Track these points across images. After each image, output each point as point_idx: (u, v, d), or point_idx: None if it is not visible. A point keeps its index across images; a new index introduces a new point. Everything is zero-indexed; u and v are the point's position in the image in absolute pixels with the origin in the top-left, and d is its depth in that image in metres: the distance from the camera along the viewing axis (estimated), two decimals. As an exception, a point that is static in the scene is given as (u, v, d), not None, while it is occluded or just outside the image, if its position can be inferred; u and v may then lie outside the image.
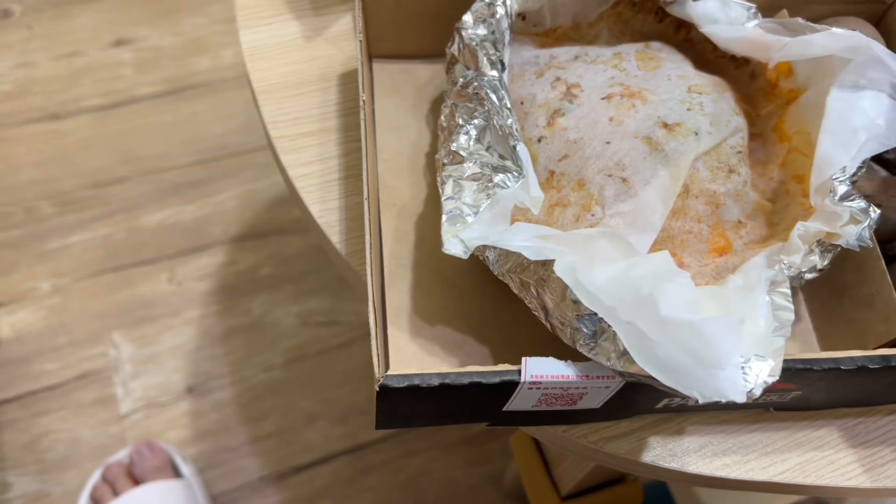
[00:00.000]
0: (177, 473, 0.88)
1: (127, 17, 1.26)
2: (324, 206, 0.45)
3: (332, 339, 1.02)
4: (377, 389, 0.33)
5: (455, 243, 0.36)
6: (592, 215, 0.38)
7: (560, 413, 0.38)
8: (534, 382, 0.34)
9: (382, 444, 0.96)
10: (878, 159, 0.49)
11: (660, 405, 0.38)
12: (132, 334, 1.00)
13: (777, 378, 0.31)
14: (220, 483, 0.92)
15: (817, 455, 0.41)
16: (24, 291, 1.01)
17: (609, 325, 0.32)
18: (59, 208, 1.08)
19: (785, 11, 0.48)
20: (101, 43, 1.23)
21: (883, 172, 0.46)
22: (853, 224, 0.36)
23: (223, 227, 1.09)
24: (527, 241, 0.34)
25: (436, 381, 0.33)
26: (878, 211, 0.37)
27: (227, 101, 1.19)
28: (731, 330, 0.30)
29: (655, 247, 0.38)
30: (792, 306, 0.33)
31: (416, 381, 0.33)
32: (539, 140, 0.41)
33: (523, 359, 0.34)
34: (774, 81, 0.44)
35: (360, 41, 0.43)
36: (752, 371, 0.31)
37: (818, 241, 0.36)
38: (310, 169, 0.46)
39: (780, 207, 0.40)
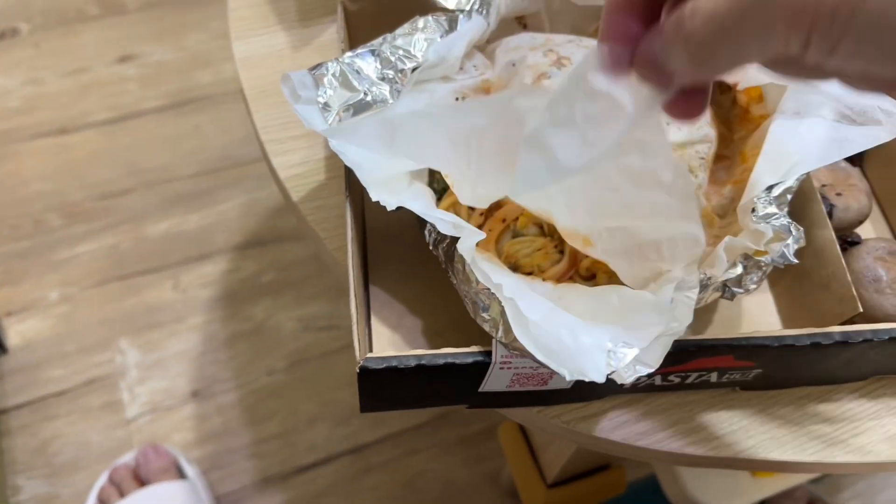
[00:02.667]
0: (182, 475, 0.91)
1: (131, 33, 1.30)
2: (312, 204, 0.48)
3: (332, 343, 1.04)
4: (357, 371, 0.35)
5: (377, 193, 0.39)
6: None
7: (533, 393, 0.40)
8: (504, 362, 0.37)
9: (383, 444, 0.98)
10: (841, 152, 0.51)
11: (628, 385, 0.40)
12: (138, 341, 1.03)
13: (652, 370, 0.33)
14: (224, 484, 0.94)
15: (781, 432, 0.43)
16: (34, 300, 1.04)
17: (498, 301, 0.35)
18: (66, 219, 1.11)
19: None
20: (107, 59, 1.27)
21: (843, 162, 0.49)
22: (777, 241, 0.37)
23: (226, 236, 1.11)
24: (443, 215, 0.37)
25: (412, 363, 0.36)
26: (801, 229, 0.38)
27: (229, 114, 1.22)
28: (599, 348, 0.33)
29: None
30: (692, 309, 0.35)
31: (395, 363, 0.36)
32: None
33: (494, 339, 0.36)
34: (746, 107, 0.46)
35: (343, 50, 0.45)
36: (617, 357, 0.33)
37: (744, 255, 0.38)
38: (299, 170, 0.49)
39: (726, 223, 0.42)
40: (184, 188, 1.15)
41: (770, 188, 0.40)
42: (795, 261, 0.38)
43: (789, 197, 0.40)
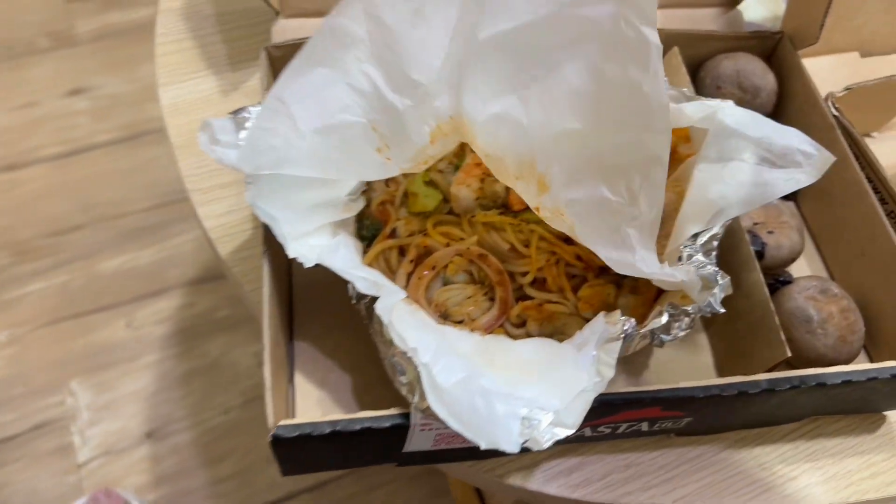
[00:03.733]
0: (135, 520, 0.88)
1: (83, 66, 1.28)
2: (238, 255, 0.46)
3: (290, 377, 1.02)
4: (269, 440, 0.34)
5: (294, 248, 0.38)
6: None
7: (463, 450, 0.39)
8: (424, 424, 0.36)
9: (344, 479, 0.97)
10: (774, 187, 0.51)
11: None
12: (90, 381, 1.00)
13: (571, 431, 0.32)
14: (180, 527, 0.92)
15: (717, 477, 0.42)
16: (-19, 343, 1.02)
17: (414, 365, 0.34)
18: (16, 258, 1.09)
19: (676, 49, 0.51)
20: (58, 92, 1.25)
21: (775, 200, 0.48)
22: (704, 290, 0.37)
23: (180, 271, 1.09)
24: (363, 273, 0.36)
25: (327, 429, 0.35)
26: (728, 278, 0.38)
27: (183, 145, 1.21)
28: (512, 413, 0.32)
29: None
30: (614, 364, 0.35)
31: (308, 430, 0.34)
32: None
33: (411, 404, 0.35)
34: (674, 147, 0.45)
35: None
36: (532, 424, 0.32)
37: (670, 304, 0.37)
38: (225, 220, 0.48)
39: None
40: (137, 223, 1.13)
41: (695, 236, 0.39)
42: (722, 310, 0.37)
43: (715, 243, 0.40)
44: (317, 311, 0.45)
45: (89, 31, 1.32)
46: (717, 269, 0.38)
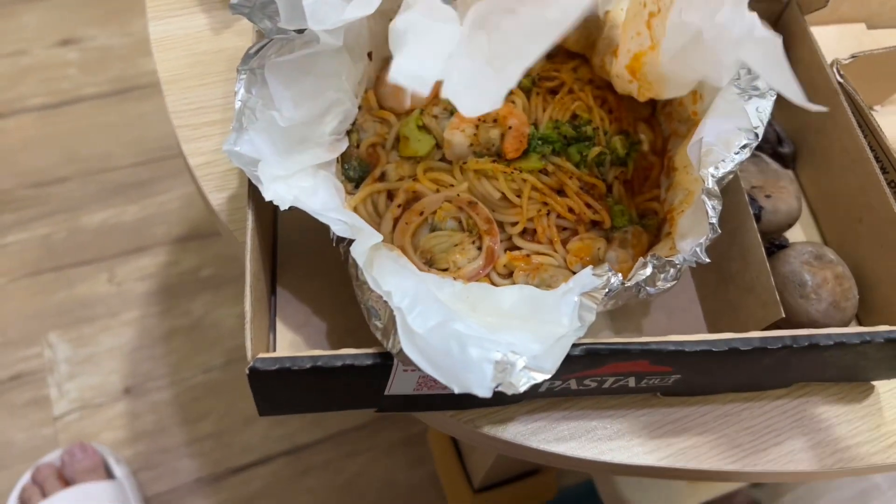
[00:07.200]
0: (110, 475, 0.87)
1: (74, 16, 1.25)
2: (222, 194, 0.45)
3: (273, 340, 1.01)
4: (247, 372, 0.33)
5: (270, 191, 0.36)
6: None
7: (445, 396, 0.38)
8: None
9: (322, 444, 0.96)
10: (774, 153, 0.50)
11: (543, 389, 0.39)
12: (69, 335, 0.99)
13: (549, 375, 0.31)
14: (155, 485, 0.91)
15: (701, 440, 0.41)
16: (-42, 291, 1.00)
17: (389, 309, 0.33)
18: (-3, 207, 1.07)
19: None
20: (47, 42, 1.22)
21: (774, 165, 0.48)
22: (689, 237, 0.36)
23: (166, 228, 1.08)
24: (340, 215, 0.35)
25: (307, 364, 0.34)
26: (719, 232, 0.37)
27: (174, 102, 1.19)
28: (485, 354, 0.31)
29: None
30: (595, 308, 0.34)
31: (288, 364, 0.33)
32: None
33: (395, 340, 0.34)
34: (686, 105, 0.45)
35: (257, 31, 0.43)
36: (506, 369, 0.31)
37: (653, 255, 0.37)
38: (210, 157, 0.46)
39: None
40: (123, 178, 1.11)
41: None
42: (707, 259, 0.36)
43: (729, 177, 0.38)
44: (300, 256, 0.43)
45: (82, -20, 1.29)
46: (716, 219, 0.37)
